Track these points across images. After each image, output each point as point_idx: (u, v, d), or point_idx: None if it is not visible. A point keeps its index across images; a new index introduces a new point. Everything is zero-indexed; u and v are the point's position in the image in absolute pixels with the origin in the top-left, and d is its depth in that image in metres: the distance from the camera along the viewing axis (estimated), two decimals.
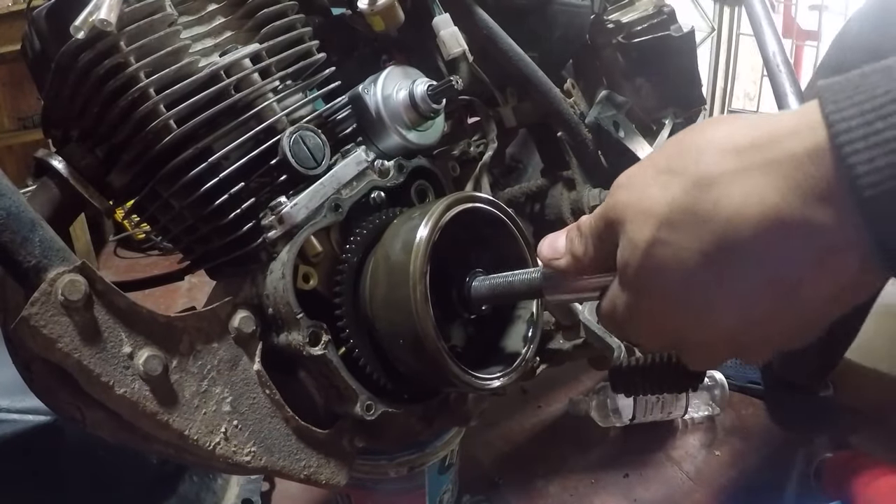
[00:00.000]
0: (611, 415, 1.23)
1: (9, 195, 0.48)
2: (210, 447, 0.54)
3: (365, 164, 0.63)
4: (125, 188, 0.61)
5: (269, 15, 0.62)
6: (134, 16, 0.56)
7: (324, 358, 0.56)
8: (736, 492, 1.12)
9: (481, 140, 0.76)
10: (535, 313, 0.64)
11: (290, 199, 0.58)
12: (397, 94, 0.64)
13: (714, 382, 1.26)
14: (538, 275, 0.51)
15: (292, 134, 0.58)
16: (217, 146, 0.57)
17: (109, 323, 0.50)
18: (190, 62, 0.57)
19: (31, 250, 0.47)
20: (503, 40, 0.72)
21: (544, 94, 0.75)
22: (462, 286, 0.58)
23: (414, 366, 0.59)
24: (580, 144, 0.78)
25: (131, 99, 0.55)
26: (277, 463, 0.58)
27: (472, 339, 0.65)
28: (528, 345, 0.63)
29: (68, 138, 0.61)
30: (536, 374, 0.79)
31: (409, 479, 0.88)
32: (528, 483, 1.14)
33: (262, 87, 0.60)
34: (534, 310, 0.64)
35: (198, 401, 0.54)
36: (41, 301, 0.46)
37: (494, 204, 0.61)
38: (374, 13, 0.65)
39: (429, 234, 0.55)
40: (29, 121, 2.55)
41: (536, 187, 0.82)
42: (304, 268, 0.57)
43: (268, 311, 0.57)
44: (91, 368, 0.48)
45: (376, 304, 0.58)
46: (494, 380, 0.60)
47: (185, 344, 0.54)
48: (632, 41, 0.89)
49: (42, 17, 0.58)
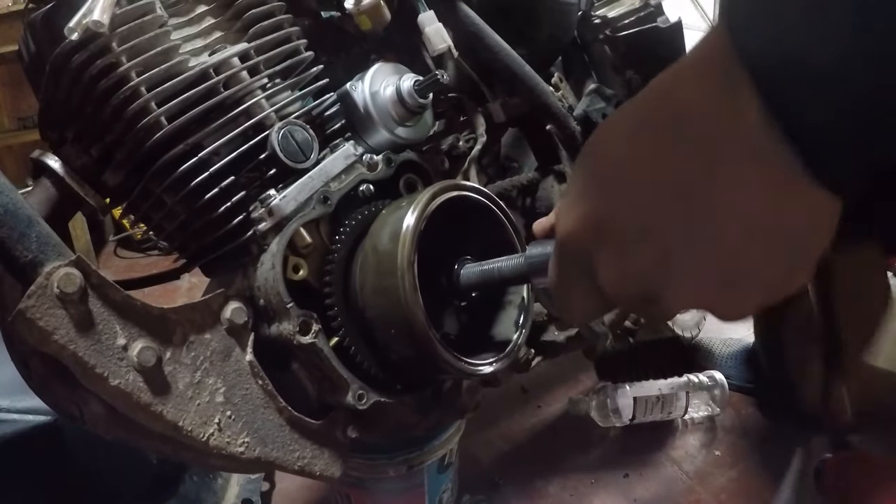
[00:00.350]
0: (611, 415, 1.23)
1: (6, 193, 0.49)
2: (204, 438, 0.55)
3: (353, 158, 0.64)
4: (120, 186, 0.63)
5: (256, 15, 0.64)
6: (126, 18, 0.58)
7: (314, 347, 0.57)
8: (736, 492, 1.12)
9: (470, 135, 0.77)
10: (526, 298, 0.65)
11: (280, 192, 0.59)
12: (384, 90, 0.65)
13: (714, 382, 1.26)
14: (523, 260, 0.52)
15: (281, 129, 0.60)
16: (207, 142, 0.59)
17: (104, 315, 0.50)
18: (180, 61, 0.59)
19: (28, 245, 0.49)
20: (489, 36, 0.73)
21: (531, 89, 0.77)
22: (451, 273, 0.59)
23: (406, 354, 0.59)
24: (569, 137, 0.79)
25: (123, 97, 0.57)
26: (271, 454, 0.59)
27: (465, 327, 0.66)
28: (520, 330, 0.64)
29: (64, 139, 0.63)
30: (532, 366, 0.80)
31: (408, 477, 0.88)
32: (528, 483, 1.14)
33: (251, 84, 0.61)
34: (524, 295, 0.65)
35: (191, 392, 0.55)
36: (37, 294, 0.47)
37: (481, 191, 0.62)
38: (361, 12, 0.67)
39: (415, 223, 0.56)
40: (29, 121, 2.58)
41: (527, 180, 0.83)
42: (293, 259, 0.58)
43: (259, 302, 0.58)
44: (86, 360, 0.49)
45: (366, 293, 0.59)
46: (486, 365, 0.61)
47: (179, 336, 0.55)
48: (619, 35, 0.90)
49: (38, 21, 0.60)
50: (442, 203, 0.58)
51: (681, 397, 1.23)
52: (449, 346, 0.57)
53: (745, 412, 1.30)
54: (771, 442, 1.21)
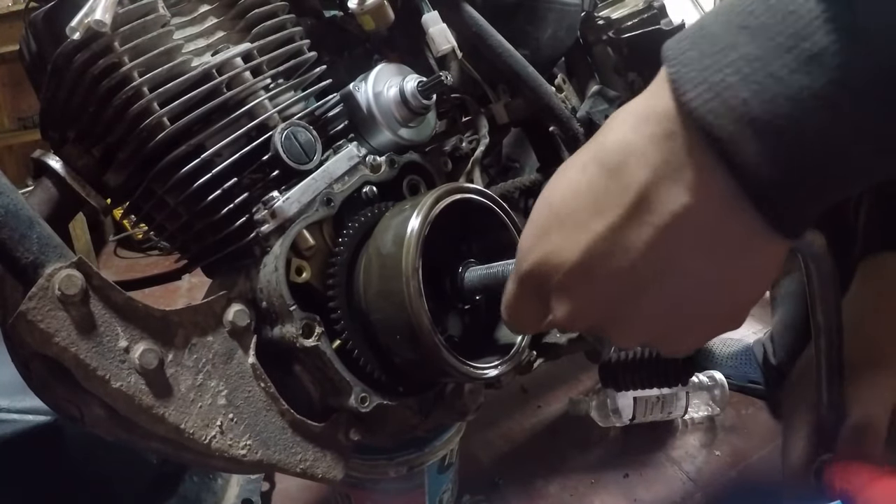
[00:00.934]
0: (611, 415, 1.23)
1: (7, 193, 0.49)
2: (206, 441, 0.54)
3: (356, 160, 0.63)
4: (121, 187, 0.62)
5: (259, 15, 0.63)
6: (128, 17, 0.57)
7: (317, 350, 0.57)
8: (736, 492, 1.12)
9: (473, 136, 0.77)
10: None
11: (283, 194, 0.59)
12: (388, 90, 0.65)
13: (714, 382, 1.26)
14: None
15: (284, 130, 0.59)
16: (210, 143, 0.58)
17: (106, 317, 0.50)
18: (182, 61, 0.59)
19: (29, 247, 0.48)
20: (492, 36, 0.73)
21: (534, 90, 0.76)
22: (455, 277, 0.59)
23: (410, 357, 0.59)
24: (572, 139, 0.79)
25: (125, 97, 0.56)
26: (273, 457, 0.59)
27: (468, 329, 0.66)
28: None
29: (65, 139, 0.63)
30: (533, 368, 0.80)
31: (408, 478, 0.88)
32: (528, 483, 1.14)
33: (254, 84, 0.61)
34: None
35: (193, 394, 0.54)
36: (38, 296, 0.47)
37: (484, 193, 0.62)
38: (364, 12, 0.66)
39: (419, 228, 0.56)
40: (29, 121, 2.58)
41: (530, 182, 0.82)
42: (296, 261, 0.58)
43: (262, 304, 0.58)
44: (88, 362, 0.49)
45: (370, 297, 0.59)
46: (491, 369, 0.61)
47: (181, 338, 0.55)
48: (622, 37, 0.90)
49: (39, 20, 0.60)
50: (445, 206, 0.58)
51: (681, 397, 1.23)
52: (452, 349, 0.57)
53: (745, 412, 1.30)
54: (771, 442, 1.21)
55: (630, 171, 0.32)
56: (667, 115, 0.31)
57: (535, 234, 0.39)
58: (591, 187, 0.35)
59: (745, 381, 1.34)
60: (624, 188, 0.33)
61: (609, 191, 0.33)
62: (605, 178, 0.34)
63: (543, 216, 0.38)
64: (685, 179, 0.31)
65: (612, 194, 0.33)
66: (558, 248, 0.37)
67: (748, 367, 1.34)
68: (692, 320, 0.36)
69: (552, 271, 0.37)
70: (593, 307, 0.37)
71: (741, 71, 0.28)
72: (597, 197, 0.34)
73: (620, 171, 0.33)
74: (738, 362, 1.36)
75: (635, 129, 0.33)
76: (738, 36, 0.29)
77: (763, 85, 0.28)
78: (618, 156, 0.33)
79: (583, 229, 0.35)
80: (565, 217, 0.36)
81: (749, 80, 0.28)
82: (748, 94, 0.28)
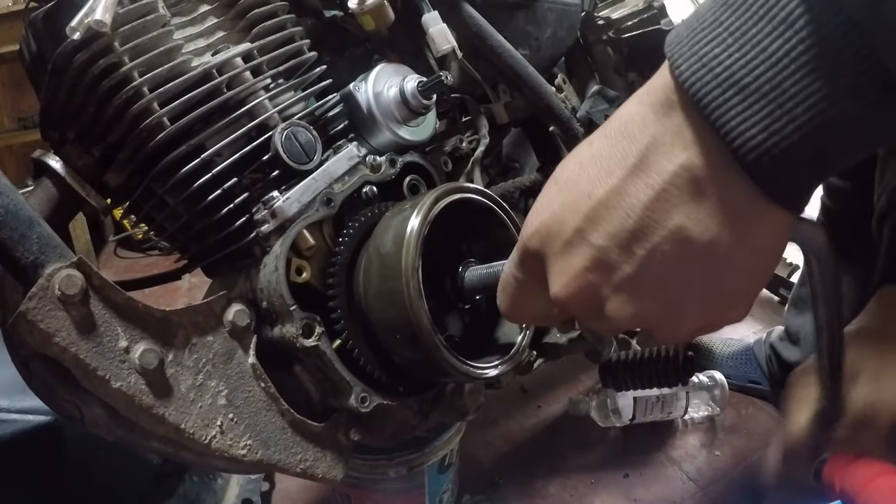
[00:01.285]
0: (611, 415, 1.23)
1: (7, 193, 0.49)
2: (206, 441, 0.54)
3: (357, 160, 0.63)
4: (121, 187, 0.62)
5: (260, 15, 0.63)
6: (128, 17, 0.57)
7: (317, 350, 0.57)
8: (736, 492, 1.12)
9: (473, 136, 0.77)
10: None
11: (283, 194, 0.59)
12: (388, 90, 0.65)
13: (714, 382, 1.26)
14: None
15: (284, 130, 0.59)
16: (210, 143, 0.58)
17: (106, 317, 0.50)
18: (183, 61, 0.59)
19: (29, 247, 0.48)
20: (492, 36, 0.73)
21: (535, 90, 0.76)
22: (455, 276, 0.59)
23: (410, 357, 0.59)
24: (572, 139, 0.79)
25: (125, 97, 0.56)
26: (273, 457, 0.58)
27: (468, 329, 0.66)
28: (524, 332, 0.64)
29: (65, 139, 0.63)
30: (533, 368, 0.80)
31: (408, 478, 0.88)
32: (528, 483, 1.14)
33: (254, 84, 0.61)
34: None
35: (193, 394, 0.54)
36: (38, 296, 0.47)
37: (483, 193, 0.62)
38: (364, 12, 0.66)
39: (419, 228, 0.56)
40: (29, 121, 2.58)
41: (530, 182, 0.82)
42: (296, 261, 0.58)
43: (262, 304, 0.58)
44: (88, 362, 0.49)
45: (370, 297, 0.59)
46: (491, 369, 0.61)
47: (181, 338, 0.55)
48: (622, 37, 0.90)
49: (39, 20, 0.60)
50: (445, 206, 0.58)
51: (681, 397, 1.23)
52: (453, 348, 0.57)
53: (745, 412, 1.30)
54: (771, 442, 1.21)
55: (632, 137, 0.35)
56: (665, 88, 0.34)
57: (538, 209, 0.39)
58: (595, 157, 0.36)
59: (745, 381, 1.34)
60: (625, 153, 0.35)
61: (612, 156, 0.35)
62: (609, 146, 0.36)
63: (549, 191, 0.39)
64: (682, 142, 0.33)
65: (614, 159, 0.35)
66: (560, 215, 0.37)
67: (748, 367, 1.34)
68: (691, 296, 0.35)
69: (552, 239, 0.37)
70: (592, 275, 0.36)
71: (725, 42, 0.31)
72: (600, 164, 0.36)
73: (623, 137, 0.35)
74: (738, 362, 1.36)
75: (639, 103, 0.35)
76: (722, 13, 0.32)
77: (743, 52, 0.31)
78: (621, 125, 0.35)
79: (585, 196, 0.36)
80: (570, 188, 0.37)
81: (731, 48, 0.31)
82: (730, 61, 0.31)
